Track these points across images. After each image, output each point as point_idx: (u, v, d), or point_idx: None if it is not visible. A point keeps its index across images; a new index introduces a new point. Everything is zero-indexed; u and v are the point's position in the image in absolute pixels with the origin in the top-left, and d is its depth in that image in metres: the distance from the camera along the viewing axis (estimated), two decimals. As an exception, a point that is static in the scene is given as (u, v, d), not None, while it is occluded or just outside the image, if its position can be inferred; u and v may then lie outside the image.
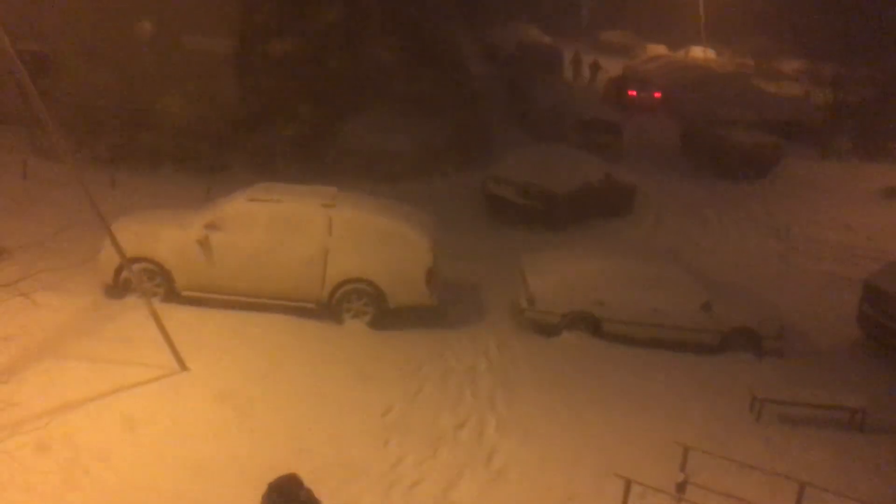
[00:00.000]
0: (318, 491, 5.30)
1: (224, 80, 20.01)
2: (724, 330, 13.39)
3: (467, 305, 13.99)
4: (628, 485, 8.57)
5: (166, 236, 12.33)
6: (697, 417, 11.19)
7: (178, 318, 11.15)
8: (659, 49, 45.55)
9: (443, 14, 31.08)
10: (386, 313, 12.50)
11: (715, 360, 13.24)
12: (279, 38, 20.46)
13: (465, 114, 23.25)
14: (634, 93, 32.52)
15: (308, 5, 20.85)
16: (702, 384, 12.30)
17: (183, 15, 19.52)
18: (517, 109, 27.98)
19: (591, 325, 13.31)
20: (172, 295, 12.29)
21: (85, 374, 9.71)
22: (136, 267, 11.25)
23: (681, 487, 9.09)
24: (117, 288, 12.16)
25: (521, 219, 18.54)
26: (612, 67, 38.84)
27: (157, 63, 19.67)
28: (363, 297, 12.40)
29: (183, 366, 10.21)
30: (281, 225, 12.32)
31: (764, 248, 19.50)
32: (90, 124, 18.64)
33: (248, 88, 20.30)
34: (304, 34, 20.71)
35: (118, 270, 11.85)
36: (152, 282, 12.16)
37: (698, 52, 43.26)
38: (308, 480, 5.26)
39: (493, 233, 18.27)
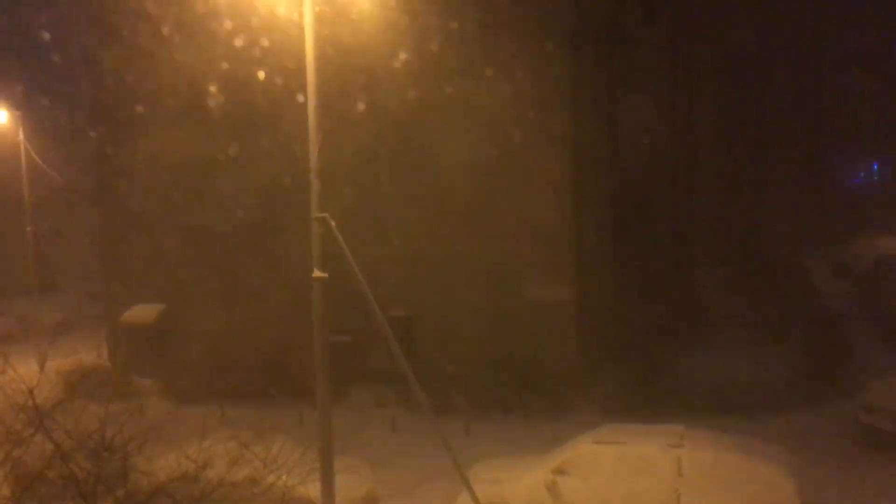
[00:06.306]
0: None
1: (560, 327, 20.92)
2: None
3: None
4: None
5: (517, 482, 12.59)
6: None
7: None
8: None
9: (781, 234, 30.11)
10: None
11: None
12: (616, 283, 21.22)
13: (819, 338, 21.52)
14: None
15: (642, 247, 21.59)
16: None
17: (527, 271, 21.16)
18: (883, 329, 25.21)
19: None
20: (526, 542, 12.29)
21: None
22: (489, 513, 11.56)
23: None
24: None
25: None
26: None
27: (500, 317, 21.28)
28: (724, 547, 11.34)
29: None
30: (627, 467, 12.01)
31: None
32: (445, 378, 20.29)
33: (586, 331, 20.97)
34: (638, 271, 21.30)
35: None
36: (507, 529, 12.32)
37: None
38: None
39: (871, 470, 15.94)
